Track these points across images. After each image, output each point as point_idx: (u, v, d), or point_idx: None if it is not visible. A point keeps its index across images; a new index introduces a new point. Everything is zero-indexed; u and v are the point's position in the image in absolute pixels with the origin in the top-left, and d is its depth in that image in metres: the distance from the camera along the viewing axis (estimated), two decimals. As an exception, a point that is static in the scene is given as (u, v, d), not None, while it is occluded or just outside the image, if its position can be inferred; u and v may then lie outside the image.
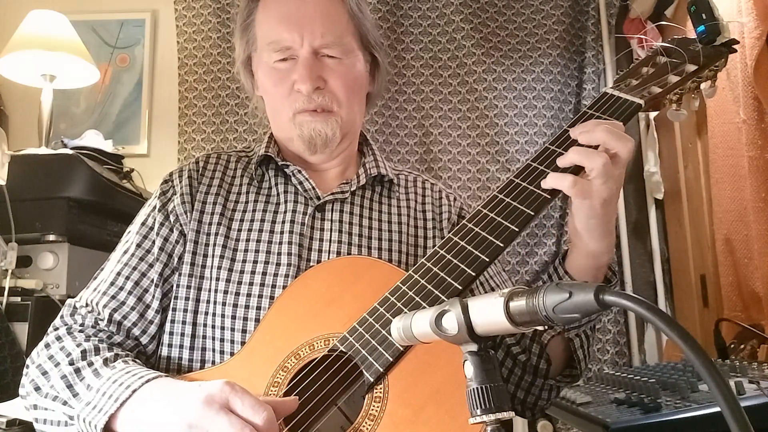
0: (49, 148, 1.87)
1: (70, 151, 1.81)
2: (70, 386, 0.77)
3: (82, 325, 0.87)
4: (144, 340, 0.88)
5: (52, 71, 1.97)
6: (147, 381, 0.73)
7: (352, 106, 0.98)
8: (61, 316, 0.90)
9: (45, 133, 1.91)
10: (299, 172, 0.97)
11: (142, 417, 0.71)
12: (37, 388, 0.80)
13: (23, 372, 0.85)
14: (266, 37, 0.96)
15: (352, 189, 0.98)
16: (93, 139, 2.09)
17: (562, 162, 0.78)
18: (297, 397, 0.72)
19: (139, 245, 0.92)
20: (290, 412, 0.71)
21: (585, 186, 0.75)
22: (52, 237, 1.64)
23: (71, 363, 0.79)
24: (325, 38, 0.93)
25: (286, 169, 0.98)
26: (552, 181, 0.77)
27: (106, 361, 0.79)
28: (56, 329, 0.87)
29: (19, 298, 1.55)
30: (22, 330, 1.53)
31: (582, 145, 0.77)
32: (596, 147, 0.76)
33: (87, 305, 0.89)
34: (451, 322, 0.53)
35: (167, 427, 0.68)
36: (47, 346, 0.84)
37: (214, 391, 0.67)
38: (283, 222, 0.94)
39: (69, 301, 0.92)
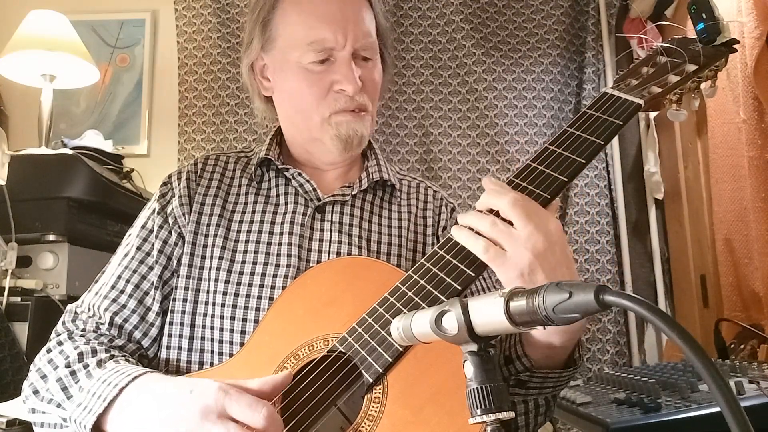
0: (49, 148, 1.87)
1: (70, 151, 1.81)
2: (64, 389, 0.78)
3: (83, 330, 0.87)
4: (145, 342, 0.89)
5: (52, 71, 1.96)
6: (134, 378, 0.73)
7: (376, 106, 0.99)
8: (63, 322, 0.90)
9: (45, 133, 1.91)
10: (299, 174, 0.97)
11: (131, 417, 0.71)
12: (36, 392, 0.81)
13: (27, 376, 0.85)
14: (303, 37, 0.92)
15: (353, 192, 0.98)
16: (93, 139, 2.09)
17: (461, 220, 0.74)
18: (290, 371, 0.72)
19: (139, 248, 0.92)
20: (285, 388, 0.71)
21: (498, 252, 0.70)
22: (52, 237, 1.64)
23: (68, 366, 0.79)
24: (366, 39, 0.94)
25: (286, 173, 0.98)
26: (467, 241, 0.72)
27: (100, 363, 0.78)
28: (58, 335, 0.87)
29: (19, 298, 1.55)
30: (22, 330, 1.53)
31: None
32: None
33: (89, 309, 0.89)
34: (451, 322, 0.53)
35: None
36: (48, 351, 0.84)
37: (209, 400, 0.66)
38: (283, 223, 0.93)
39: (70, 306, 0.92)
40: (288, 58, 0.95)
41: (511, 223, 0.71)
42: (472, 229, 0.73)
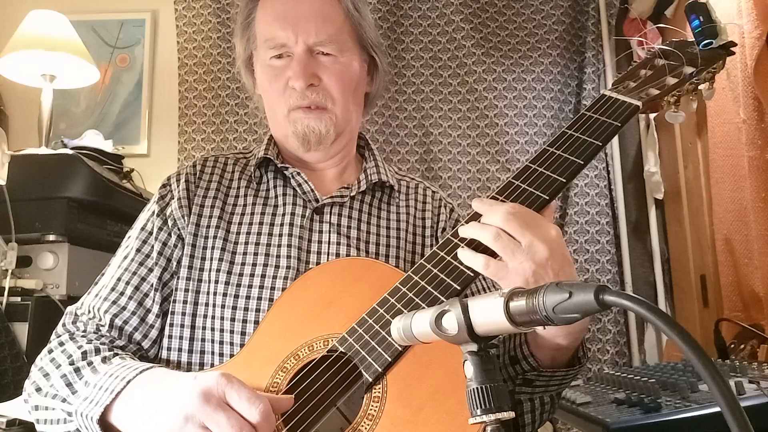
0: (49, 148, 1.87)
1: (70, 151, 1.81)
2: (69, 384, 0.78)
3: (84, 331, 0.87)
4: (146, 344, 0.89)
5: (52, 71, 1.97)
6: (141, 371, 0.74)
7: (347, 105, 0.98)
8: (63, 324, 0.90)
9: (45, 133, 1.91)
10: (298, 174, 0.97)
11: (137, 407, 0.71)
12: (38, 389, 0.81)
13: (28, 376, 0.85)
14: (263, 35, 0.97)
15: (351, 194, 0.98)
16: (93, 139, 2.09)
17: (462, 232, 0.75)
18: (292, 396, 0.72)
19: (138, 250, 0.92)
20: (285, 410, 0.71)
21: (499, 266, 0.71)
22: (52, 237, 1.64)
23: (71, 363, 0.80)
24: (320, 36, 0.94)
25: (285, 171, 0.98)
26: (467, 259, 0.73)
27: (104, 359, 0.79)
28: (59, 336, 0.88)
29: (19, 298, 1.55)
30: (22, 330, 1.53)
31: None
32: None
33: (89, 311, 0.90)
34: (451, 322, 0.53)
35: (163, 418, 0.68)
36: (50, 351, 0.85)
37: (211, 384, 0.66)
38: (282, 224, 0.94)
39: (69, 308, 0.92)
40: (258, 56, 1.00)
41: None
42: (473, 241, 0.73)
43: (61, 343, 0.84)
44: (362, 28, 1.00)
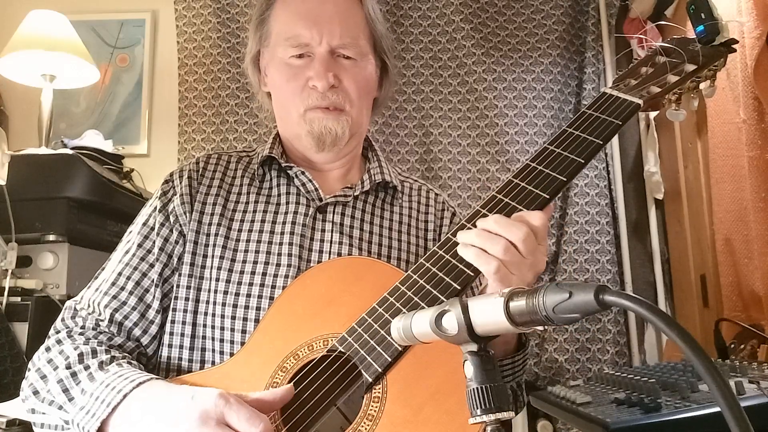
0: (49, 148, 1.87)
1: (70, 151, 1.81)
2: (65, 390, 0.78)
3: (82, 327, 0.87)
4: (145, 340, 0.88)
5: (52, 71, 1.97)
6: (138, 384, 0.73)
7: (362, 108, 0.99)
8: (62, 319, 0.90)
9: (45, 133, 1.91)
10: (303, 173, 0.97)
11: (133, 423, 0.71)
12: (36, 392, 0.81)
13: (25, 375, 0.85)
14: (284, 32, 0.97)
15: (355, 194, 0.98)
16: (93, 139, 2.09)
17: (464, 238, 0.74)
18: (292, 386, 0.72)
19: (140, 245, 0.92)
20: (286, 401, 0.71)
21: (507, 273, 0.70)
22: (52, 237, 1.64)
23: (68, 367, 0.79)
24: (343, 38, 0.95)
25: (289, 171, 0.98)
26: (475, 259, 0.72)
27: (101, 365, 0.78)
28: (57, 332, 0.87)
29: (19, 298, 1.55)
30: (22, 330, 1.53)
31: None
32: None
33: (88, 306, 0.89)
34: (451, 322, 0.53)
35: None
36: (47, 349, 0.84)
37: (209, 405, 0.66)
38: (284, 222, 0.94)
39: (69, 303, 0.92)
40: (275, 54, 0.99)
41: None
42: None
43: (59, 342, 0.84)
44: (379, 33, 1.01)
